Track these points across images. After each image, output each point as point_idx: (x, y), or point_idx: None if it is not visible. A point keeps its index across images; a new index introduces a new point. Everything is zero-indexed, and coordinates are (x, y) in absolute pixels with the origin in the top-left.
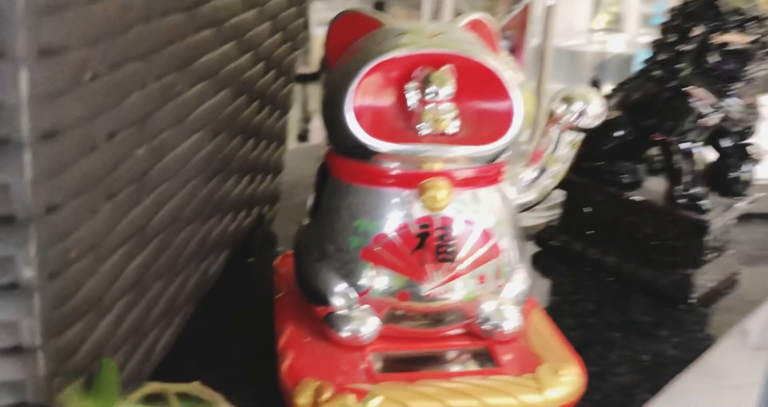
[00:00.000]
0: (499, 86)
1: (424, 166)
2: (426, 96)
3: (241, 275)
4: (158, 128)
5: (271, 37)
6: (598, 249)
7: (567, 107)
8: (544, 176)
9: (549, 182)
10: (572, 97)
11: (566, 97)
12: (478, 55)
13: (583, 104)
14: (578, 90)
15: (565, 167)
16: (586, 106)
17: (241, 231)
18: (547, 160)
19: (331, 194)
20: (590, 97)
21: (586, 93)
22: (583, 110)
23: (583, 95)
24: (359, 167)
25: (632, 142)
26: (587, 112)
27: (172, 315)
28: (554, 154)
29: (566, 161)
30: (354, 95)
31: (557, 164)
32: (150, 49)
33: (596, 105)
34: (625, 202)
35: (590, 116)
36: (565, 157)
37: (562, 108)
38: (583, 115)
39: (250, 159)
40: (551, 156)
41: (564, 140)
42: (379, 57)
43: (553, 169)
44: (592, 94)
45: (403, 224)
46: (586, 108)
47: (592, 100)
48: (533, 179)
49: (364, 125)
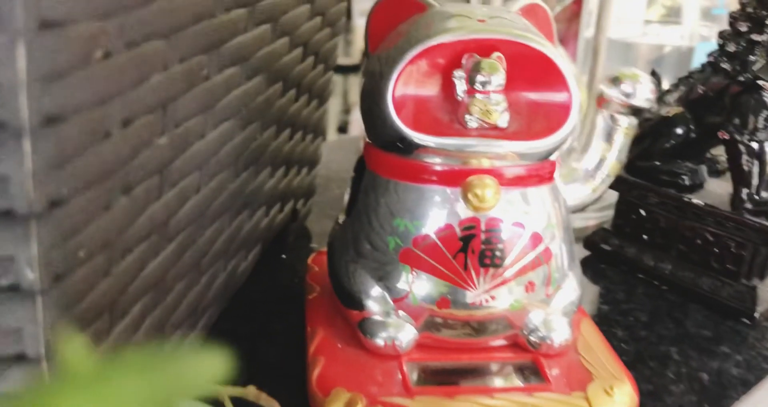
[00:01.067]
0: (557, 76)
1: (470, 162)
2: (474, 85)
3: (273, 273)
4: (182, 115)
5: (309, 21)
6: (652, 255)
7: (616, 87)
8: (599, 171)
9: (604, 176)
10: (620, 77)
11: (614, 77)
12: (534, 42)
13: (633, 83)
14: (626, 70)
15: (620, 157)
16: (635, 85)
17: (274, 227)
18: (601, 151)
19: (368, 190)
20: (639, 76)
21: (635, 73)
22: (633, 91)
23: (631, 75)
24: (399, 162)
25: (694, 140)
26: (637, 92)
27: (197, 318)
28: (608, 143)
29: (621, 151)
30: (396, 84)
31: (610, 153)
32: (174, 27)
33: (646, 84)
34: (685, 205)
35: (640, 96)
36: (620, 146)
37: (611, 90)
38: (632, 95)
39: (285, 151)
40: (605, 146)
41: (617, 126)
42: (425, 42)
43: (607, 161)
44: (641, 74)
45: (446, 225)
46: (636, 88)
47: (642, 80)
48: (588, 174)
49: (405, 117)
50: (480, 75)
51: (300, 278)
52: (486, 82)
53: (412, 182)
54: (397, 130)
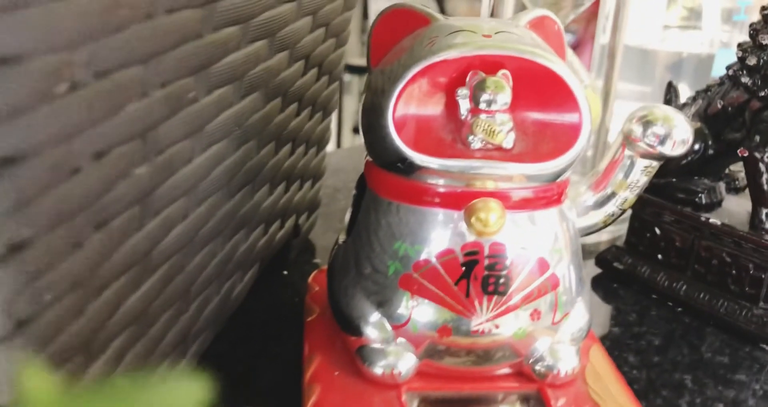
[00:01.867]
0: (566, 95)
1: (473, 184)
2: (479, 105)
3: (273, 291)
4: (165, 142)
5: (311, 34)
6: (667, 275)
7: (646, 130)
8: (611, 203)
9: (615, 209)
10: (653, 119)
11: (646, 119)
12: (543, 58)
13: (666, 128)
14: (660, 111)
15: (636, 194)
16: (669, 131)
17: (274, 245)
18: (617, 185)
19: (368, 210)
20: (674, 120)
21: (670, 116)
22: (665, 136)
23: (666, 118)
24: (399, 183)
25: (712, 157)
26: (670, 138)
27: (187, 345)
28: (625, 179)
29: (637, 189)
30: (397, 101)
31: (626, 191)
32: (153, 52)
33: (681, 131)
34: (701, 224)
35: (673, 143)
36: (637, 184)
37: (640, 131)
38: (664, 142)
39: (285, 167)
40: (621, 182)
41: (638, 165)
42: (428, 59)
43: (621, 196)
44: (676, 116)
45: (447, 250)
46: (670, 133)
47: (677, 125)
48: (597, 203)
49: (406, 136)
50: (484, 93)
51: (301, 296)
52: (491, 101)
53: (413, 204)
54: (397, 150)
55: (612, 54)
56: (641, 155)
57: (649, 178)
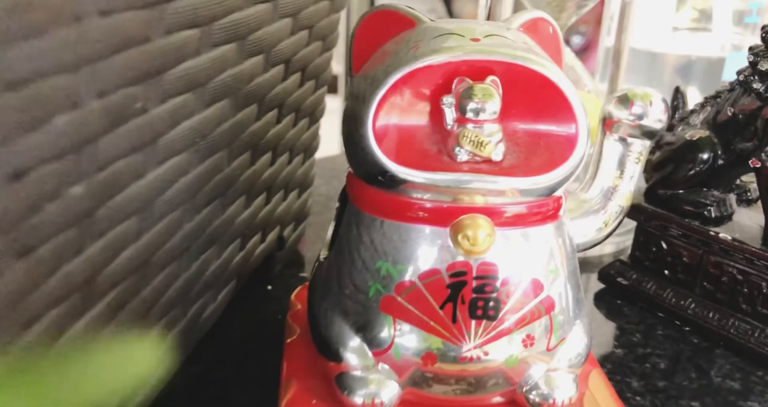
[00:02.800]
0: (561, 103)
1: (461, 199)
2: (465, 114)
3: (255, 307)
4: (107, 157)
5: (291, 37)
6: (674, 292)
7: (627, 108)
8: (611, 202)
9: (617, 208)
10: (630, 97)
11: (623, 97)
12: (536, 64)
13: (645, 104)
14: (635, 90)
15: (632, 186)
16: (647, 107)
17: (254, 259)
18: (615, 177)
19: (349, 225)
20: (651, 95)
21: (645, 92)
22: (645, 111)
23: (642, 95)
24: (381, 197)
25: (721, 167)
26: (648, 113)
27: None
28: (620, 171)
29: (633, 179)
30: (377, 110)
31: (623, 182)
32: (85, 58)
33: (658, 104)
34: (711, 239)
35: (651, 117)
36: (632, 174)
37: (621, 111)
38: (645, 115)
39: (264, 178)
40: (616, 174)
41: (628, 152)
42: (411, 64)
43: (620, 190)
44: (651, 93)
45: (431, 270)
46: (648, 108)
47: (654, 100)
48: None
49: (387, 147)
50: (472, 102)
51: (285, 313)
52: (478, 110)
53: (395, 220)
54: (377, 162)
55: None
56: (626, 135)
57: (642, 167)
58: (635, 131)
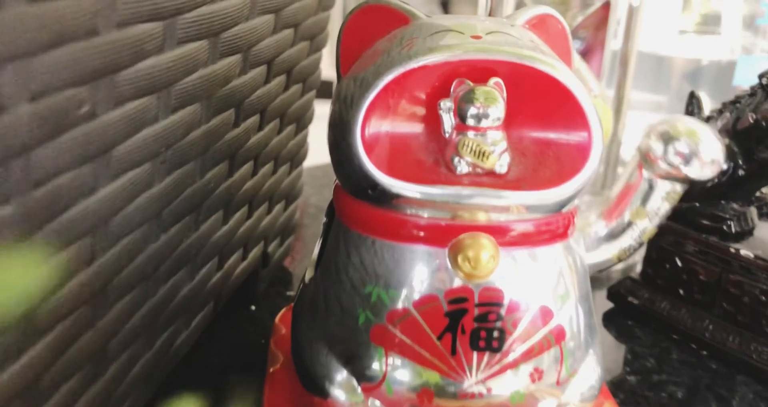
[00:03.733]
0: (573, 108)
1: (461, 216)
2: (466, 120)
3: (237, 330)
4: (47, 170)
5: (273, 35)
6: (690, 313)
7: (667, 147)
8: (626, 235)
9: (632, 242)
10: (676, 134)
11: (667, 134)
12: (544, 64)
13: (692, 145)
14: (684, 125)
15: (656, 224)
16: (695, 148)
17: (234, 279)
18: (633, 214)
19: (336, 244)
20: (701, 135)
21: (696, 130)
22: (691, 155)
23: (691, 132)
24: (371, 213)
25: (742, 178)
26: (697, 157)
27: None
28: (644, 207)
29: (658, 218)
30: (366, 115)
31: (645, 220)
32: (8, 53)
33: (710, 148)
34: (731, 256)
35: (700, 163)
36: (658, 213)
37: (660, 149)
38: (690, 161)
39: (245, 190)
40: (639, 209)
41: (659, 190)
42: (404, 64)
43: (639, 226)
44: (703, 131)
45: (428, 296)
46: (696, 151)
47: (705, 141)
48: (610, 235)
49: (378, 158)
50: (473, 107)
51: (268, 337)
52: (480, 116)
53: (387, 239)
54: (367, 174)
55: (625, 61)
56: (662, 177)
57: (672, 205)
58: (674, 177)
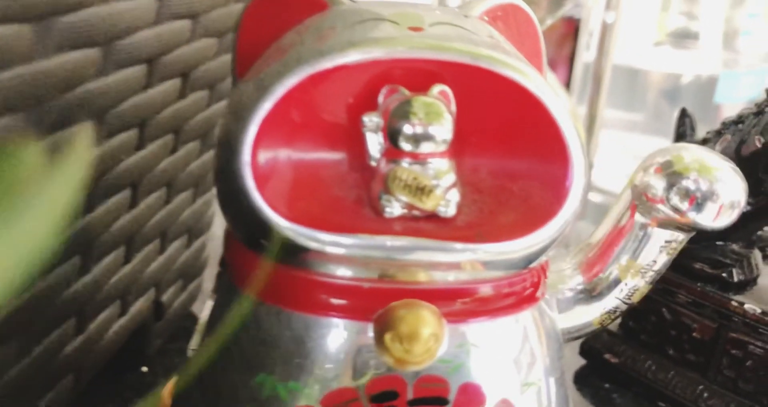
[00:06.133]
0: (547, 129)
1: (392, 276)
2: (399, 144)
3: (122, 399)
4: None
5: (156, 27)
6: (680, 378)
7: (671, 186)
8: (611, 296)
9: (618, 303)
10: (683, 170)
11: (671, 169)
12: (508, 67)
13: (706, 184)
14: (694, 156)
15: (651, 282)
16: (710, 189)
17: (105, 343)
18: (622, 269)
19: (221, 310)
20: (719, 172)
21: (711, 164)
22: (705, 197)
23: (705, 168)
24: (268, 271)
25: (748, 215)
26: (712, 200)
27: None
28: (636, 260)
29: (652, 274)
30: (261, 133)
31: (637, 277)
32: None
33: (730, 188)
34: (732, 310)
35: (717, 208)
36: (653, 266)
37: (662, 188)
38: (702, 206)
39: (119, 227)
40: (629, 263)
41: (656, 239)
42: (314, 63)
43: (629, 284)
44: (720, 165)
45: (342, 391)
46: (712, 192)
47: (723, 180)
48: (590, 295)
49: (275, 193)
50: (408, 124)
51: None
52: (419, 138)
53: (287, 308)
54: (258, 216)
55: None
56: (661, 223)
57: (671, 258)
58: (677, 224)
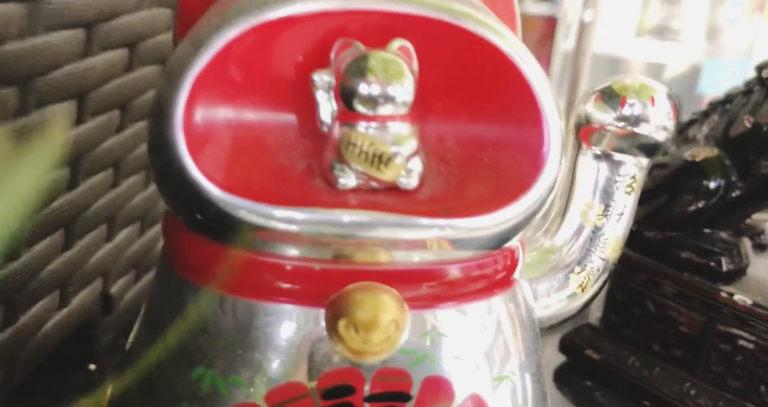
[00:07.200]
0: (521, 92)
1: (348, 257)
2: (354, 105)
3: (62, 398)
4: None
5: None
6: (666, 374)
7: (610, 107)
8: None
9: (599, 262)
10: (618, 90)
11: (607, 90)
12: (476, 22)
13: (639, 101)
14: (626, 81)
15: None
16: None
17: (40, 338)
18: (584, 212)
19: (159, 297)
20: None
21: (642, 84)
22: (640, 113)
23: (636, 88)
24: (204, 251)
25: (736, 200)
26: (647, 115)
27: None
28: (595, 199)
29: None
30: (194, 93)
31: (602, 219)
32: None
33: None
34: (721, 302)
35: (653, 121)
36: (616, 205)
37: (603, 110)
38: (639, 121)
39: (55, 211)
40: (590, 204)
41: (616, 176)
42: (256, 14)
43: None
44: (652, 85)
45: (290, 386)
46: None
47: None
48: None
49: (213, 162)
50: (364, 82)
51: None
52: (376, 99)
53: (228, 294)
54: (192, 187)
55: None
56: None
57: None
58: (626, 143)
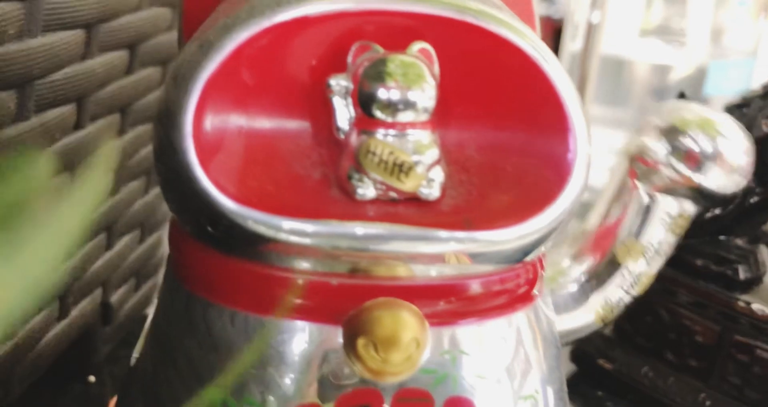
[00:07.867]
0: (547, 99)
1: (365, 271)
2: (372, 112)
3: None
4: None
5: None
6: (681, 385)
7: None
8: (612, 284)
9: (621, 294)
10: (683, 126)
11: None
12: (504, 26)
13: (709, 139)
14: (694, 113)
15: (656, 266)
16: (714, 144)
17: (39, 350)
18: (623, 251)
19: (167, 312)
20: (721, 126)
21: (713, 119)
22: (709, 154)
23: (705, 123)
24: (215, 266)
25: (754, 207)
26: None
27: None
28: (638, 239)
29: (658, 257)
30: (203, 99)
31: (640, 259)
32: None
33: (735, 145)
34: (738, 311)
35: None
36: (658, 248)
37: (662, 148)
38: (705, 164)
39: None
40: (631, 243)
41: (659, 212)
42: (269, 15)
43: (632, 269)
44: (722, 120)
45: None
46: (716, 148)
47: (727, 134)
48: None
49: (224, 171)
50: (383, 88)
51: None
52: (396, 105)
53: (240, 310)
54: (202, 198)
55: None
56: (663, 191)
57: (678, 237)
58: (684, 190)
